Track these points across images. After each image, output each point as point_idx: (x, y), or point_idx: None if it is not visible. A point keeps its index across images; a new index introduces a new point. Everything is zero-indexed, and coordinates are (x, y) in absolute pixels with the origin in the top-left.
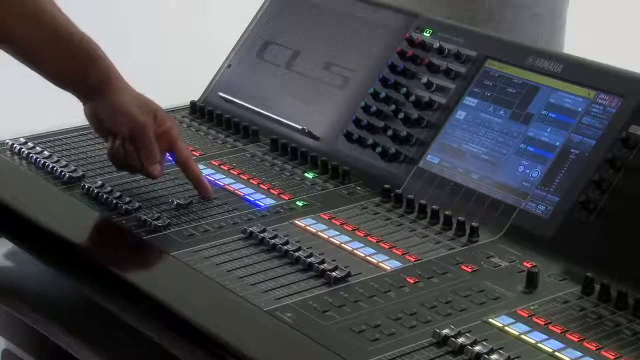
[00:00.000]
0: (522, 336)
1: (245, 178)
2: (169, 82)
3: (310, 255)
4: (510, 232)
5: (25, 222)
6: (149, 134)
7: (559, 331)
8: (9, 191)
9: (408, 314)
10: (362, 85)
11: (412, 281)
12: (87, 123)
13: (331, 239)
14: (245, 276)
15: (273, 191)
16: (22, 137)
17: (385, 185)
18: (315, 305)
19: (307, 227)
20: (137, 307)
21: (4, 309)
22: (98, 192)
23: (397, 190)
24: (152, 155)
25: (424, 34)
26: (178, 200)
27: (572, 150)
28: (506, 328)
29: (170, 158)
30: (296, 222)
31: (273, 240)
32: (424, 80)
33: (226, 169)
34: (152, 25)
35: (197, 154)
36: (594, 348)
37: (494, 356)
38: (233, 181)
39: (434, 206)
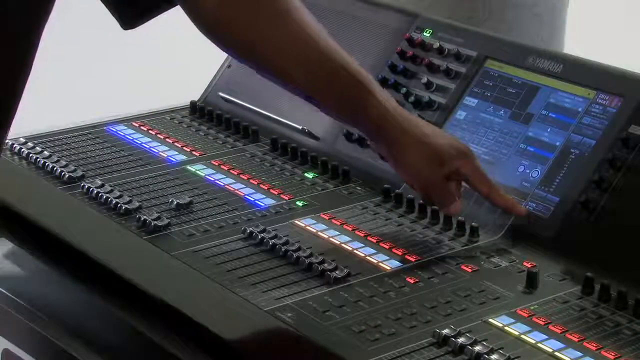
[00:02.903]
0: (522, 336)
1: (245, 178)
2: (169, 82)
3: (310, 255)
4: (510, 232)
5: (25, 222)
6: (436, 184)
7: (559, 331)
8: (9, 191)
9: (408, 314)
10: None
11: (412, 281)
12: (87, 123)
13: (331, 239)
14: (245, 276)
15: (273, 191)
16: (22, 137)
17: (385, 185)
18: (315, 305)
19: (307, 227)
20: (137, 307)
21: (4, 309)
22: (98, 192)
23: (397, 190)
24: (445, 199)
25: (424, 34)
26: (178, 200)
27: (572, 150)
28: (506, 328)
29: (171, 159)
30: (296, 222)
31: (273, 240)
32: (424, 80)
33: (226, 169)
34: (152, 25)
35: (197, 154)
36: (594, 348)
37: (494, 356)
38: (233, 181)
39: (434, 206)
